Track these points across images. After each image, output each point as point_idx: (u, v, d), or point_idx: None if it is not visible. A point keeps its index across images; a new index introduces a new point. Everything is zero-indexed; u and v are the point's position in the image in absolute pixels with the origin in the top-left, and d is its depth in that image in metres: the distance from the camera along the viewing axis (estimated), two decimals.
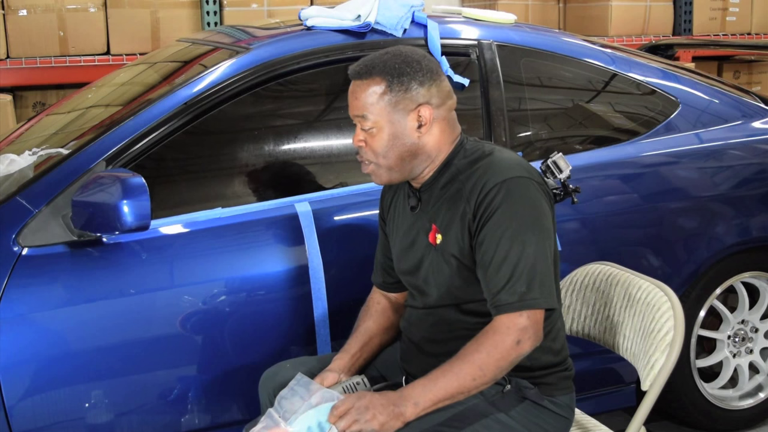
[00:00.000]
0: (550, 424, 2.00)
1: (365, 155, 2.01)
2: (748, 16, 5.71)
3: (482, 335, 1.87)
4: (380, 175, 2.02)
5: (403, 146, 1.97)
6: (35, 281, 2.24)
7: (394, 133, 1.96)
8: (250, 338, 2.43)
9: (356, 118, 2.00)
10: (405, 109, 1.96)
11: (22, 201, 2.30)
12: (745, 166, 3.04)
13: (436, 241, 2.01)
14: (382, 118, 1.96)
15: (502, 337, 1.85)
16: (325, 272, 2.45)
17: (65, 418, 2.28)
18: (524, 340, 1.85)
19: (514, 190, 1.91)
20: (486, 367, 1.83)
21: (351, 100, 2.01)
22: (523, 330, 1.85)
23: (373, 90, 1.96)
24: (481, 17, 2.98)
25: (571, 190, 2.42)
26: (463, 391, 1.84)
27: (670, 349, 1.97)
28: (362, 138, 2.00)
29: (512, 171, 1.93)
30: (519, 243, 1.87)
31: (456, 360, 1.85)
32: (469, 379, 1.82)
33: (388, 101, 1.96)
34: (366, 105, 1.96)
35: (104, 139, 2.40)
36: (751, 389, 3.16)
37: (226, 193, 2.58)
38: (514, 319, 1.85)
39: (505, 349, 1.84)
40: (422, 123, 1.97)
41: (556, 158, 2.39)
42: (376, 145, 1.98)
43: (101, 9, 4.33)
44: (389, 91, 1.95)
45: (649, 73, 3.05)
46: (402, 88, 1.95)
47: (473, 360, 1.83)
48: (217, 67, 2.56)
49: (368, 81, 1.97)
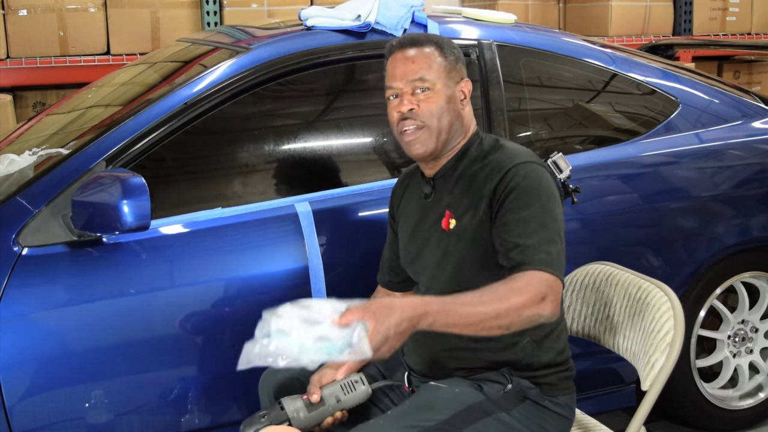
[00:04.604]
0: (551, 424, 2.00)
1: (419, 117, 2.01)
2: (748, 16, 5.71)
3: (515, 278, 1.80)
4: (428, 142, 2.02)
5: (454, 111, 2.04)
6: (35, 281, 2.24)
7: (449, 96, 2.03)
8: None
9: (409, 84, 2.01)
10: (454, 79, 2.06)
11: (22, 201, 2.30)
12: (745, 166, 3.04)
13: (450, 226, 2.01)
14: (440, 80, 2.03)
15: (535, 284, 1.78)
16: (325, 272, 2.45)
17: (65, 418, 2.28)
18: (548, 301, 1.78)
19: (532, 172, 1.95)
20: (511, 309, 1.74)
21: (404, 66, 2.03)
22: (551, 288, 1.79)
23: (433, 53, 2.04)
24: (481, 17, 2.98)
25: (571, 190, 2.42)
26: (480, 326, 1.74)
27: (670, 349, 1.97)
28: (415, 102, 2.01)
29: (528, 157, 1.99)
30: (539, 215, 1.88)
31: (486, 292, 1.76)
32: (492, 316, 1.73)
33: (445, 66, 2.04)
34: (425, 67, 2.02)
35: (104, 139, 2.40)
36: (751, 389, 3.17)
37: (226, 193, 2.57)
38: (544, 276, 1.80)
39: (532, 298, 1.76)
40: (464, 96, 2.07)
41: (556, 158, 2.40)
42: (433, 107, 2.01)
43: (101, 9, 4.33)
44: (445, 58, 2.05)
45: (649, 73, 3.05)
46: (453, 58, 2.07)
47: (502, 296, 1.75)
48: (217, 67, 2.56)
49: (426, 46, 2.05)
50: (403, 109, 2.01)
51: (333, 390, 1.99)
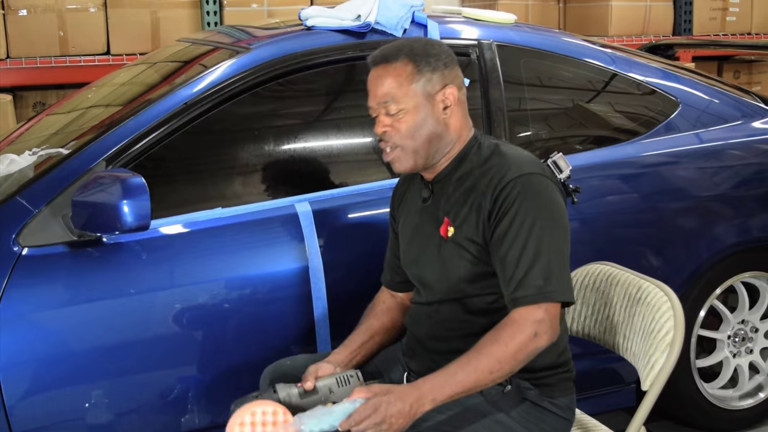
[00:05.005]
0: (550, 425, 2.00)
1: (391, 139, 1.98)
2: (748, 16, 5.71)
3: (499, 328, 1.85)
4: (404, 161, 2.00)
5: (431, 127, 1.98)
6: (35, 281, 2.24)
7: (422, 114, 1.97)
8: (250, 338, 2.43)
9: (381, 105, 1.98)
10: (432, 90, 1.98)
11: (22, 201, 2.30)
12: (745, 166, 3.04)
13: (448, 234, 2.00)
14: (411, 99, 1.96)
15: (520, 328, 1.83)
16: (325, 272, 2.45)
17: (65, 418, 2.28)
18: (541, 333, 1.84)
19: (531, 185, 1.92)
20: (504, 360, 1.81)
21: (375, 87, 1.99)
22: (540, 322, 1.84)
23: (401, 72, 1.96)
24: (481, 17, 2.98)
25: (571, 190, 2.42)
26: (480, 384, 1.82)
27: (670, 349, 1.97)
28: (388, 123, 1.98)
29: (528, 167, 1.95)
30: (536, 237, 1.87)
31: (474, 353, 1.83)
32: (486, 372, 1.81)
33: (417, 82, 1.96)
34: (393, 89, 1.96)
35: (104, 139, 2.40)
36: (751, 389, 3.16)
37: (226, 193, 2.57)
38: (532, 312, 1.84)
39: (522, 341, 1.82)
40: (447, 105, 1.99)
41: (556, 158, 2.39)
42: (404, 128, 1.97)
43: (101, 9, 4.33)
44: (417, 71, 1.96)
45: (649, 73, 3.05)
46: (429, 68, 1.97)
47: (491, 352, 1.81)
48: (217, 67, 2.56)
49: (395, 64, 1.97)
50: (377, 131, 2.01)
51: (328, 382, 2.01)
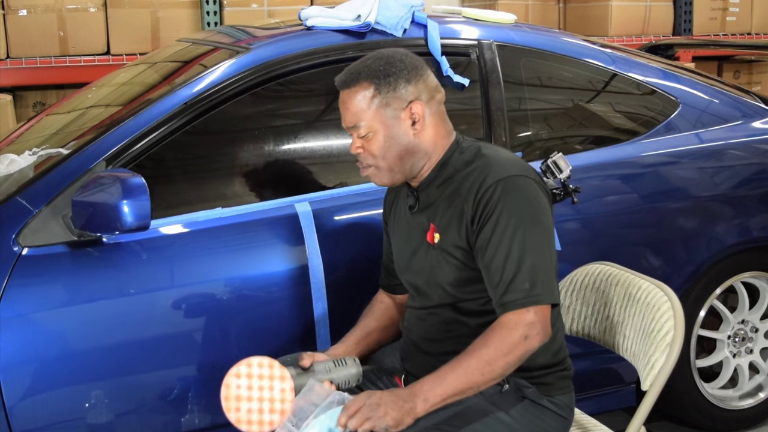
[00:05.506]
0: (549, 424, 2.00)
1: (364, 160, 2.02)
2: (748, 16, 5.71)
3: (490, 331, 1.87)
4: (381, 177, 2.03)
5: (401, 145, 1.99)
6: (35, 281, 2.24)
7: (389, 134, 1.98)
8: (250, 338, 2.43)
9: (351, 129, 2.01)
10: (397, 109, 1.97)
11: (22, 201, 2.30)
12: (745, 166, 3.04)
13: (435, 240, 2.01)
14: (376, 121, 1.97)
15: (510, 332, 1.84)
16: (325, 272, 2.45)
17: (65, 418, 2.28)
18: (532, 336, 1.85)
19: (512, 188, 1.91)
20: (494, 362, 1.83)
21: (342, 111, 2.01)
22: (530, 325, 1.85)
23: (363, 95, 1.97)
24: (481, 17, 2.98)
25: (571, 190, 2.42)
26: (472, 386, 1.83)
27: (670, 349, 1.97)
28: (359, 145, 2.01)
29: (509, 169, 1.95)
30: (520, 241, 1.88)
31: (464, 356, 1.84)
32: (477, 375, 1.82)
33: (379, 103, 1.97)
34: (358, 112, 1.97)
35: (104, 139, 2.40)
36: (751, 389, 3.16)
37: (226, 193, 2.57)
38: (521, 315, 1.85)
39: (512, 344, 1.84)
40: (416, 120, 1.99)
41: (556, 158, 2.39)
42: (374, 149, 1.98)
43: (101, 9, 4.33)
44: (378, 93, 1.97)
45: (649, 73, 3.05)
46: (390, 88, 1.97)
47: (481, 355, 1.83)
48: (217, 67, 2.56)
49: (356, 88, 1.98)
50: (352, 151, 2.03)
51: (326, 364, 2.02)
